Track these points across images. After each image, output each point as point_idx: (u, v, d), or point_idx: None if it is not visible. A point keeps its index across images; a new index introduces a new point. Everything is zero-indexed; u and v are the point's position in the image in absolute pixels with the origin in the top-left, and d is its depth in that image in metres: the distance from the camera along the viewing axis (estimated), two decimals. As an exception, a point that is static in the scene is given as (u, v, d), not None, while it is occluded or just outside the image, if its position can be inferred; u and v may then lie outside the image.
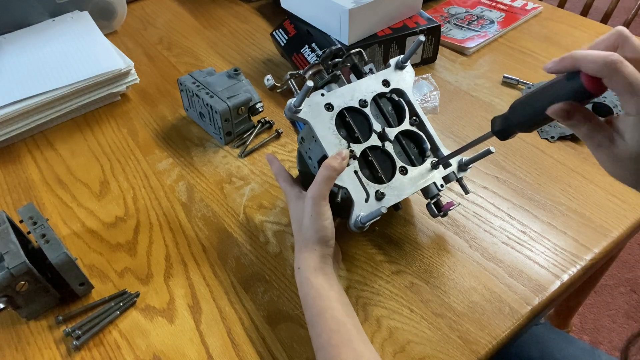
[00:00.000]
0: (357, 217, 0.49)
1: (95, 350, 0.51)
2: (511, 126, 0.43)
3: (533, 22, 0.99)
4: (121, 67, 0.80)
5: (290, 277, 0.56)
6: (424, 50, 0.86)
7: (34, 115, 0.76)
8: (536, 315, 0.52)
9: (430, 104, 0.78)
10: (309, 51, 0.82)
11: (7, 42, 0.88)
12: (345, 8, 0.74)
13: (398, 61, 0.57)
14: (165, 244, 0.61)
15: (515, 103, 0.42)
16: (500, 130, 0.44)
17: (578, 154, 0.68)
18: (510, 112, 0.42)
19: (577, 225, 0.59)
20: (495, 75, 0.84)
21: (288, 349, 0.50)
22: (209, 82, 0.73)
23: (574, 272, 0.55)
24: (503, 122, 0.43)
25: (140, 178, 0.70)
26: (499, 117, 0.44)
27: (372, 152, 0.53)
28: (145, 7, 1.14)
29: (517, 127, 0.42)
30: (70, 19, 0.94)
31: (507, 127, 0.43)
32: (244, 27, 1.04)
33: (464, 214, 0.61)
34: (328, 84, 0.56)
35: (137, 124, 0.80)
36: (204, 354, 0.50)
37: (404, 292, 0.54)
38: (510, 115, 0.42)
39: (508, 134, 0.44)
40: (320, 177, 0.48)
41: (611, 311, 1.39)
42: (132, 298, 0.55)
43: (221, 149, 0.74)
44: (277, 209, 0.64)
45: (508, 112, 0.43)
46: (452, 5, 1.03)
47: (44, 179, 0.71)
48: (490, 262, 0.56)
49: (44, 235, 0.51)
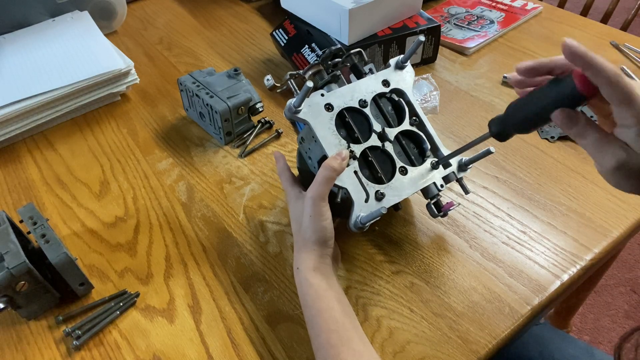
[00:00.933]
0: (357, 218, 0.49)
1: (95, 350, 0.51)
2: (508, 128, 0.43)
3: (533, 22, 0.99)
4: (121, 67, 0.80)
5: (290, 277, 0.56)
6: (424, 50, 0.86)
7: (34, 115, 0.76)
8: (536, 315, 0.52)
9: (430, 104, 0.78)
10: (309, 51, 0.82)
11: (7, 42, 0.88)
12: (345, 8, 0.74)
13: (398, 61, 0.57)
14: (165, 244, 0.61)
15: (511, 105, 0.42)
16: (497, 132, 0.44)
17: (578, 154, 0.68)
18: (507, 114, 0.43)
19: (577, 225, 0.59)
20: (495, 75, 0.84)
21: (288, 349, 0.50)
22: (209, 82, 0.73)
23: (574, 272, 0.55)
24: (500, 124, 0.43)
25: (140, 178, 0.70)
26: (495, 119, 0.44)
27: (372, 153, 0.53)
28: (145, 7, 1.14)
29: (514, 129, 0.42)
30: (70, 19, 0.94)
31: (504, 129, 0.43)
32: (244, 27, 1.04)
33: (464, 214, 0.61)
34: (328, 84, 0.56)
35: (137, 124, 0.80)
36: (204, 354, 0.50)
37: (404, 292, 0.54)
38: (507, 117, 0.43)
39: (506, 136, 0.44)
40: (320, 178, 0.48)
41: (611, 311, 1.39)
42: (132, 298, 0.55)
43: (221, 149, 0.74)
44: (277, 209, 0.64)
45: (504, 114, 0.43)
46: (452, 5, 1.03)
47: (44, 179, 0.71)
48: (490, 262, 0.56)
49: (44, 235, 0.51)
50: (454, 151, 0.52)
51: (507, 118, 0.43)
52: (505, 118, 0.43)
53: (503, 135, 0.44)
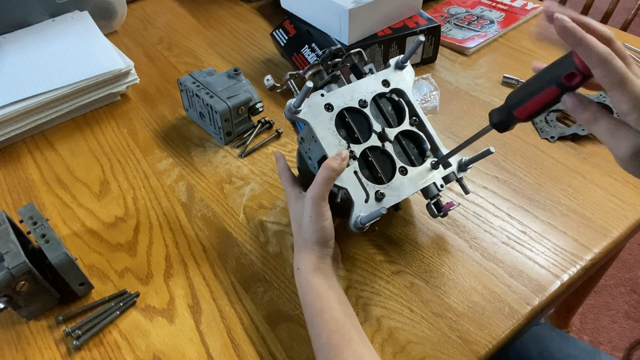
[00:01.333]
0: (357, 218, 0.49)
1: (95, 350, 0.51)
2: (509, 115, 0.42)
3: (533, 22, 0.99)
4: (121, 67, 0.80)
5: (290, 277, 0.56)
6: (424, 50, 0.86)
7: (34, 115, 0.76)
8: (536, 315, 0.52)
9: (430, 104, 0.78)
10: (309, 51, 0.82)
11: (7, 42, 0.88)
12: (345, 8, 0.74)
13: (398, 61, 0.57)
14: (165, 244, 0.61)
15: (511, 92, 0.42)
16: (498, 121, 0.43)
17: (578, 154, 0.68)
18: (507, 101, 0.42)
19: (577, 225, 0.59)
20: (495, 75, 0.84)
21: (288, 349, 0.50)
22: (209, 82, 0.73)
23: (574, 272, 0.55)
24: (501, 112, 0.43)
25: (140, 178, 0.70)
26: (496, 108, 0.44)
27: (372, 153, 0.53)
28: (145, 7, 1.14)
29: (515, 115, 0.42)
30: (70, 19, 0.94)
31: (505, 116, 0.43)
32: (244, 27, 1.04)
33: (464, 214, 0.61)
34: (328, 84, 0.56)
35: (137, 124, 0.80)
36: (204, 354, 0.50)
37: (404, 292, 0.54)
38: (507, 104, 0.42)
39: (507, 125, 0.43)
40: (320, 178, 0.48)
41: (611, 311, 1.39)
42: (132, 298, 0.55)
43: (221, 149, 0.74)
44: (277, 209, 0.64)
45: (505, 102, 0.43)
46: (452, 5, 1.03)
47: (44, 179, 0.71)
48: (490, 262, 0.56)
49: (44, 235, 0.51)
50: (453, 149, 0.52)
51: (507, 105, 0.42)
52: (506, 105, 0.42)
53: (504, 123, 0.43)
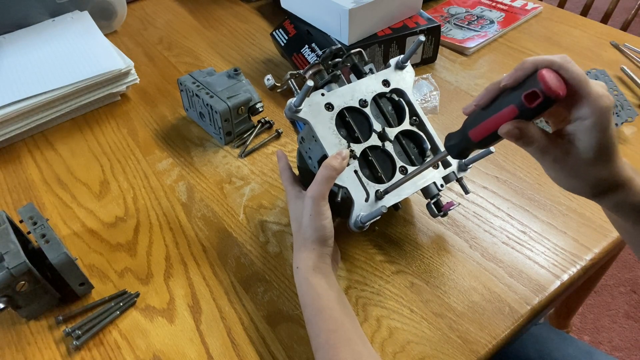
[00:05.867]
0: (357, 217, 0.49)
1: (95, 350, 0.51)
2: (465, 134, 0.39)
3: (533, 22, 0.99)
4: (121, 67, 0.80)
5: (290, 277, 0.56)
6: (424, 50, 0.86)
7: (34, 115, 0.76)
8: (536, 315, 0.52)
9: (430, 104, 0.78)
10: (309, 51, 0.82)
11: (7, 42, 0.88)
12: (345, 8, 0.74)
13: (398, 61, 0.57)
14: (165, 244, 0.61)
15: (468, 118, 0.40)
16: (451, 145, 0.41)
17: (578, 154, 0.68)
18: (464, 125, 0.40)
19: (577, 225, 0.59)
20: (495, 75, 0.84)
21: (288, 349, 0.50)
22: (209, 82, 0.73)
23: (574, 272, 0.55)
24: (456, 135, 0.41)
25: (140, 178, 0.70)
26: (452, 132, 0.41)
27: (372, 152, 0.53)
28: (145, 7, 1.14)
29: (471, 140, 0.39)
30: (70, 19, 0.94)
31: (459, 139, 0.40)
32: (244, 27, 1.04)
33: (464, 214, 0.61)
34: (328, 84, 0.56)
35: (137, 124, 0.80)
36: (204, 354, 0.50)
37: (404, 292, 0.54)
38: (464, 128, 0.40)
39: (460, 148, 0.41)
40: (320, 177, 0.48)
41: (611, 311, 1.39)
42: (132, 298, 0.55)
43: (221, 149, 0.74)
44: (277, 209, 0.64)
45: (462, 126, 0.40)
46: (452, 5, 1.03)
47: (44, 179, 0.71)
48: (490, 262, 0.56)
49: (44, 235, 0.51)
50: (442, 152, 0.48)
51: (463, 125, 0.40)
52: (462, 126, 0.40)
53: (457, 147, 0.40)
